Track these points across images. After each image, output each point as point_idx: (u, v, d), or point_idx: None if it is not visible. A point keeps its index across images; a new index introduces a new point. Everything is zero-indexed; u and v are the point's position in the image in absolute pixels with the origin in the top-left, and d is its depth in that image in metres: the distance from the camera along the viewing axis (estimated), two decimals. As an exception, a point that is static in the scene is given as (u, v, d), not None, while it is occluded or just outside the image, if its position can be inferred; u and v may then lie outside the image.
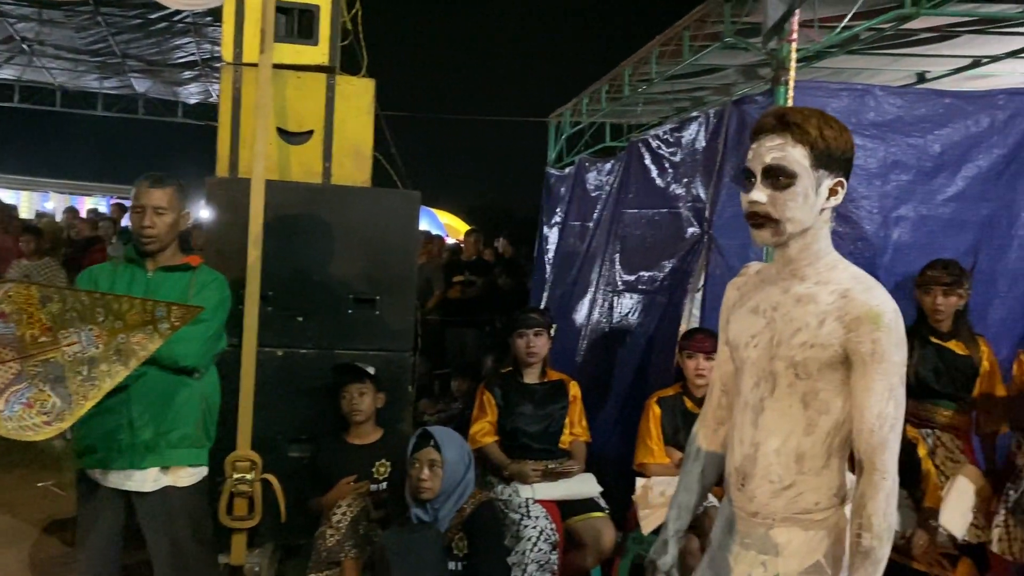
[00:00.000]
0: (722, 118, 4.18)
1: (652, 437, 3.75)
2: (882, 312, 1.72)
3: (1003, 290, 4.06)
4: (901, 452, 1.76)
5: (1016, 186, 4.05)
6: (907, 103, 4.01)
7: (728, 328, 2.00)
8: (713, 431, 2.09)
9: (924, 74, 6.25)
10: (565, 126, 8.06)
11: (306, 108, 3.90)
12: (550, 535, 3.45)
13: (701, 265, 4.19)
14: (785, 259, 1.86)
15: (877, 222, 3.95)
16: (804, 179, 1.76)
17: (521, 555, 3.40)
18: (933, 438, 3.51)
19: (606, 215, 5.67)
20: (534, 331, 3.90)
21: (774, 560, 1.85)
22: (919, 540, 3.22)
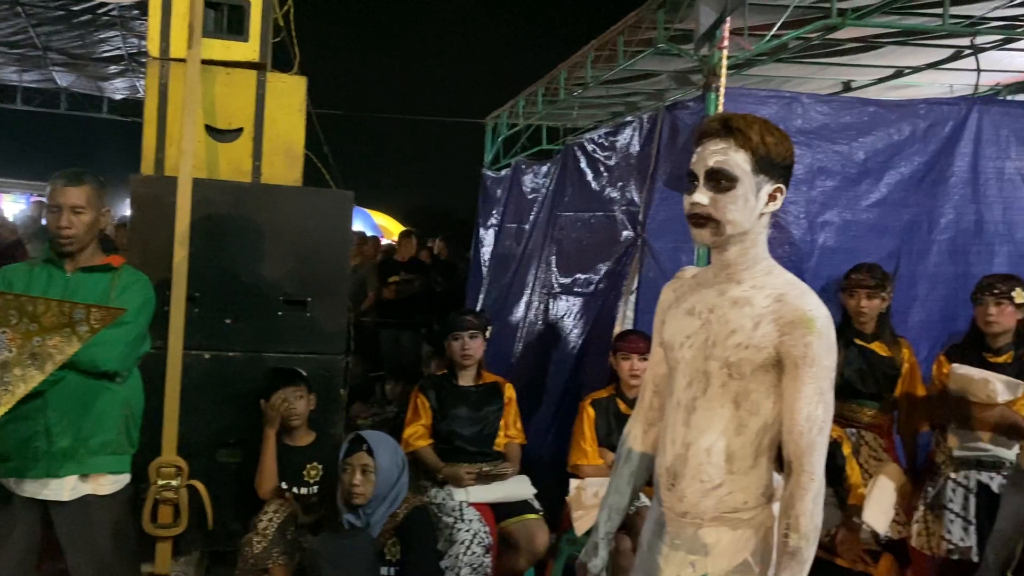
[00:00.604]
0: (655, 123, 4.23)
1: (586, 438, 3.77)
2: (815, 317, 1.76)
3: (923, 293, 4.20)
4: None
5: (935, 193, 4.20)
6: (833, 111, 4.12)
7: (663, 329, 2.02)
8: (644, 432, 2.11)
9: (849, 83, 6.44)
10: (502, 128, 8.07)
11: (235, 105, 3.82)
12: (483, 538, 3.44)
13: (635, 268, 4.24)
14: (722, 263, 1.89)
15: (804, 227, 4.05)
16: (745, 183, 1.80)
17: (454, 559, 3.39)
18: (857, 437, 3.61)
19: (542, 217, 5.69)
20: (469, 333, 3.88)
21: (703, 560, 1.87)
22: (843, 537, 3.31)
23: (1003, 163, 4.24)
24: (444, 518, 3.51)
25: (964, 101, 4.38)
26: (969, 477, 3.31)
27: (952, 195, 4.22)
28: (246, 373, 3.54)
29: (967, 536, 3.25)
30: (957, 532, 3.27)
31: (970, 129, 4.20)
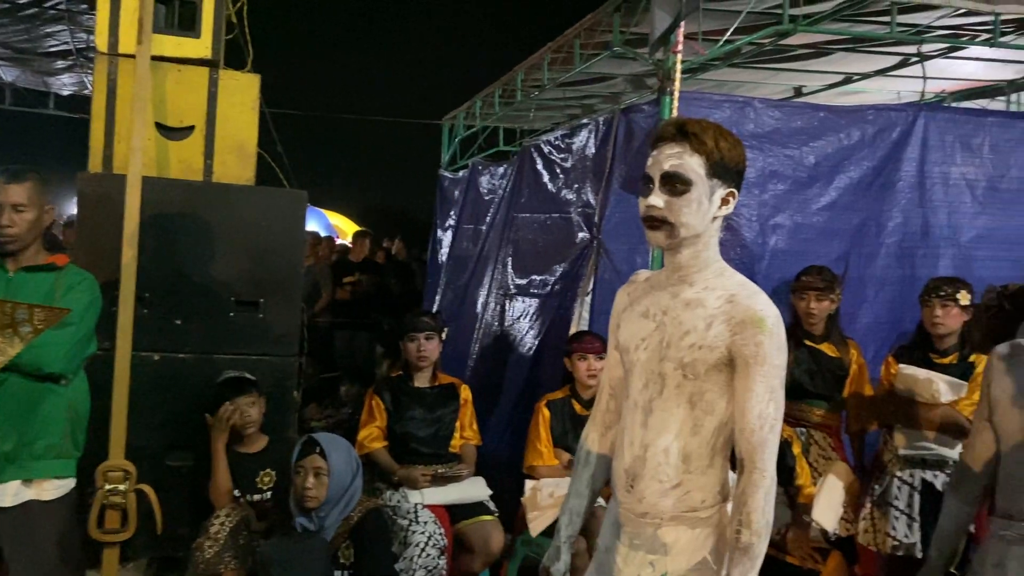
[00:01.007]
0: (611, 126, 4.26)
1: (541, 439, 3.78)
2: (765, 317, 1.80)
3: (871, 296, 4.30)
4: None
5: (883, 197, 4.29)
6: (784, 116, 4.19)
7: (618, 332, 2.03)
8: (602, 435, 2.12)
9: (801, 88, 6.55)
10: (459, 129, 8.05)
11: (187, 103, 3.76)
12: (438, 540, 3.43)
13: (590, 269, 4.26)
14: (675, 265, 1.91)
15: (756, 230, 4.12)
16: (699, 187, 1.83)
17: (409, 561, 3.37)
18: (806, 436, 3.67)
19: (499, 219, 5.70)
20: (425, 335, 3.86)
21: (662, 559, 1.89)
22: (793, 535, 3.36)
23: (948, 168, 4.36)
24: (399, 520, 3.49)
25: (911, 108, 4.49)
26: (914, 475, 3.39)
27: (899, 199, 4.32)
28: (197, 375, 3.48)
29: (911, 533, 3.33)
30: (902, 529, 3.35)
31: (917, 135, 4.30)
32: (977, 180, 4.40)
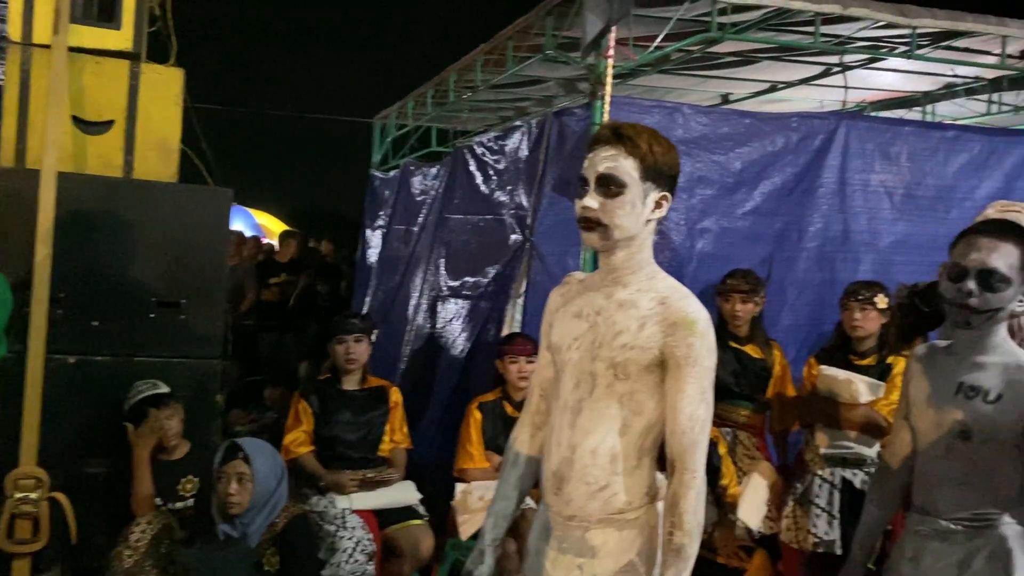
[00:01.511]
0: (543, 128, 4.28)
1: (472, 442, 3.76)
2: (697, 319, 1.82)
3: (792, 298, 4.41)
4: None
5: (805, 203, 4.41)
6: (712, 122, 4.27)
7: (551, 332, 2.04)
8: (531, 436, 2.11)
9: (728, 96, 6.69)
10: (390, 128, 7.97)
11: (106, 96, 3.63)
12: (367, 545, 3.38)
13: (523, 271, 4.27)
14: (610, 267, 1.93)
15: (684, 233, 4.18)
16: (633, 189, 1.85)
17: (336, 568, 3.31)
18: (732, 436, 3.74)
19: (431, 220, 5.66)
20: (354, 337, 3.80)
21: (591, 562, 1.89)
22: (720, 534, 3.42)
23: (868, 175, 4.50)
24: (326, 526, 3.43)
25: (833, 116, 4.62)
26: (834, 474, 3.48)
27: (821, 205, 4.45)
28: (115, 378, 3.37)
29: (831, 530, 3.42)
30: (822, 526, 3.44)
31: (838, 143, 4.43)
32: (895, 187, 4.56)
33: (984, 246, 2.06)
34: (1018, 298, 2.06)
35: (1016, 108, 6.12)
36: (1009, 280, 2.03)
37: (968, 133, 4.79)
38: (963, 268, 2.07)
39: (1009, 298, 2.04)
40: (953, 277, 2.09)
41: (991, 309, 2.04)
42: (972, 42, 4.90)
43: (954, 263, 2.10)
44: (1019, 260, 2.04)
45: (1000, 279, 2.02)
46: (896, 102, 6.60)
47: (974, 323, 2.08)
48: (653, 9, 4.46)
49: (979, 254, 2.05)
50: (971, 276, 2.05)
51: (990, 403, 2.07)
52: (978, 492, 2.10)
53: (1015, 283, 2.04)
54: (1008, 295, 2.04)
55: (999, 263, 2.03)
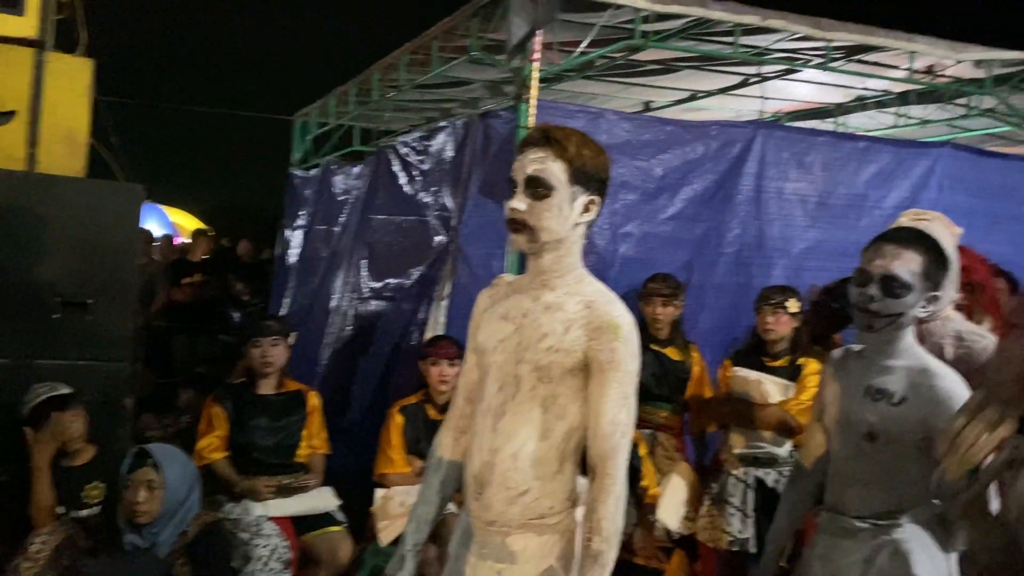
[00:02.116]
0: (469, 130, 4.26)
1: (393, 446, 3.71)
2: (621, 324, 1.84)
3: (710, 302, 4.50)
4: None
5: (724, 209, 4.51)
6: (635, 128, 4.32)
7: (477, 334, 2.02)
8: (455, 440, 2.09)
9: (649, 103, 6.80)
10: (311, 126, 7.81)
11: (8, 85, 3.47)
12: (282, 553, 3.30)
13: (447, 273, 4.23)
14: (537, 270, 1.93)
15: (607, 237, 4.22)
16: (561, 192, 1.85)
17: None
18: (652, 438, 3.79)
19: (353, 220, 5.57)
20: (271, 340, 3.70)
21: (510, 568, 1.88)
22: (639, 535, 3.46)
23: (783, 184, 4.63)
24: (240, 534, 3.33)
25: (751, 125, 4.74)
26: (748, 473, 3.56)
27: (738, 212, 4.55)
28: (15, 382, 3.21)
29: (745, 528, 3.49)
30: (736, 525, 3.51)
31: (755, 151, 4.55)
32: (808, 196, 4.70)
33: (888, 253, 2.13)
34: (920, 304, 2.13)
35: (923, 121, 6.40)
36: (910, 286, 2.10)
37: (878, 144, 4.98)
38: (868, 274, 2.14)
39: (911, 304, 2.12)
40: (859, 282, 2.16)
41: (892, 314, 2.11)
42: (882, 56, 5.10)
43: (860, 269, 2.18)
44: (921, 268, 2.11)
45: (901, 285, 2.09)
46: (810, 113, 6.82)
47: (876, 327, 2.14)
48: (578, 15, 4.49)
49: (883, 260, 2.13)
50: (874, 282, 2.12)
51: (895, 405, 2.14)
52: (883, 491, 2.17)
53: (917, 290, 2.11)
54: (909, 301, 2.11)
55: (901, 270, 2.10)
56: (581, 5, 4.29)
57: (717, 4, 4.42)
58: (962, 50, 4.90)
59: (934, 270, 2.13)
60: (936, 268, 2.14)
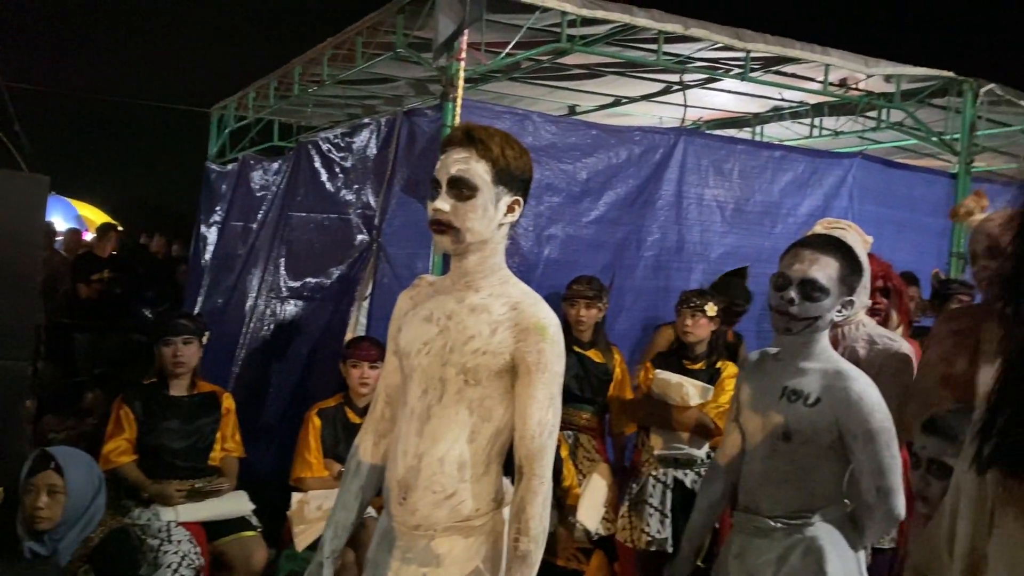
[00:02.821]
0: (393, 127, 4.21)
1: (311, 450, 3.63)
2: (548, 325, 1.83)
3: (629, 304, 4.57)
4: None
5: (645, 214, 4.58)
6: (561, 131, 4.35)
7: (399, 336, 1.98)
8: (375, 444, 2.05)
9: (575, 107, 6.86)
10: (229, 119, 7.61)
11: (-101, 65, 3.24)
12: (193, 560, 3.19)
13: (369, 273, 4.17)
14: (462, 271, 1.90)
15: (532, 239, 4.24)
16: (484, 193, 1.83)
17: None
18: (573, 439, 3.81)
19: (271, 217, 5.44)
20: (182, 339, 3.57)
21: (435, 571, 1.86)
22: (559, 536, 3.47)
23: (703, 190, 4.73)
24: (148, 540, 3.20)
25: (673, 132, 4.83)
26: (667, 474, 3.61)
27: (659, 216, 4.63)
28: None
29: (663, 528, 3.54)
30: (655, 525, 3.56)
31: (676, 158, 4.63)
32: (726, 202, 4.82)
33: (807, 258, 2.20)
34: (837, 308, 2.20)
35: (835, 132, 6.64)
36: (827, 291, 2.17)
37: (793, 154, 5.14)
38: (787, 278, 2.21)
39: (827, 307, 2.18)
40: (777, 286, 2.22)
41: (810, 317, 2.18)
42: (799, 68, 5.27)
43: (779, 273, 2.24)
44: (838, 272, 2.18)
45: (819, 289, 2.16)
46: (729, 122, 7.00)
47: (794, 330, 2.20)
48: (505, 16, 4.49)
49: (801, 265, 2.19)
50: (793, 286, 2.19)
51: (809, 407, 2.20)
52: (797, 491, 2.22)
53: (833, 294, 2.18)
54: (826, 305, 2.18)
55: (819, 275, 2.17)
56: (508, 6, 4.30)
57: (642, 11, 4.49)
58: (874, 65, 5.10)
59: (849, 275, 2.21)
60: (850, 273, 2.21)
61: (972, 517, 1.09)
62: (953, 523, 1.14)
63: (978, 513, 1.08)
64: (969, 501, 1.10)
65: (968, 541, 1.10)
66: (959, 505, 1.13)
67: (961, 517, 1.12)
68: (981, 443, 1.05)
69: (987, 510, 1.06)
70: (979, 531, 1.08)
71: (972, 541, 1.09)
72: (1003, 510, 1.03)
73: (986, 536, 1.06)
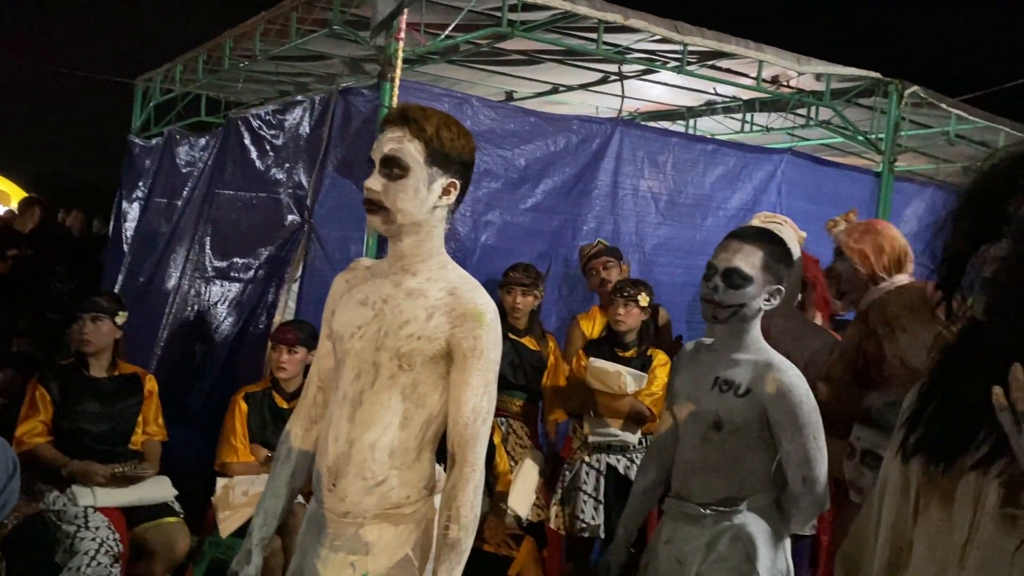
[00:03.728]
0: (328, 106, 4.11)
1: (236, 434, 3.55)
2: (485, 312, 1.81)
3: (564, 294, 4.59)
4: None
5: (581, 203, 4.60)
6: (499, 117, 4.33)
7: (333, 320, 1.94)
8: (307, 430, 2.00)
9: (512, 93, 6.83)
10: (155, 92, 7.33)
11: None
12: (112, 547, 3.08)
13: (300, 255, 4.08)
14: (398, 254, 1.87)
15: (469, 225, 4.21)
16: (417, 173, 1.80)
17: (75, 571, 2.98)
18: (506, 426, 3.81)
19: (198, 195, 5.27)
20: (91, 316, 3.44)
21: (364, 559, 1.83)
22: (490, 522, 3.47)
23: (638, 181, 4.78)
24: (64, 526, 3.08)
25: (610, 122, 4.85)
26: (600, 460, 3.64)
27: (594, 206, 4.66)
28: None
29: (597, 515, 3.58)
30: (588, 511, 3.59)
31: (613, 148, 4.66)
32: (660, 193, 4.87)
33: (732, 248, 2.25)
34: (764, 297, 2.24)
35: (766, 128, 6.77)
36: (750, 278, 2.21)
37: (725, 148, 5.22)
38: (713, 267, 2.26)
39: (752, 295, 2.22)
40: (705, 276, 2.27)
41: (734, 304, 2.21)
42: (734, 64, 5.35)
43: (708, 263, 2.28)
44: (762, 261, 2.22)
45: (742, 277, 2.20)
46: (663, 114, 7.07)
47: (720, 317, 2.24)
48: (445, -3, 4.44)
49: (727, 254, 2.24)
50: (718, 274, 2.23)
51: (740, 397, 2.24)
52: (726, 479, 2.27)
53: (757, 282, 2.22)
54: (750, 292, 2.22)
55: (742, 263, 2.21)
56: (449, -12, 4.24)
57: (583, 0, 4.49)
58: (806, 63, 5.21)
59: (775, 264, 2.25)
60: (777, 262, 2.25)
61: (896, 504, 1.12)
62: (880, 510, 1.17)
63: (903, 500, 1.11)
64: (894, 488, 1.13)
65: (892, 527, 1.12)
66: (886, 493, 1.16)
67: (886, 504, 1.14)
68: (908, 431, 1.08)
69: (911, 498, 1.09)
70: (903, 518, 1.10)
71: (896, 528, 1.11)
72: (927, 497, 1.06)
73: (911, 523, 1.08)
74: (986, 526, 0.96)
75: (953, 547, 1.00)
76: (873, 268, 2.73)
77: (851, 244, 2.76)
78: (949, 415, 1.03)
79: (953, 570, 0.99)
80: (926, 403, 1.07)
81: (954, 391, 1.03)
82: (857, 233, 2.78)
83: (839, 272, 2.81)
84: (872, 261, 2.73)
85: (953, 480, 1.01)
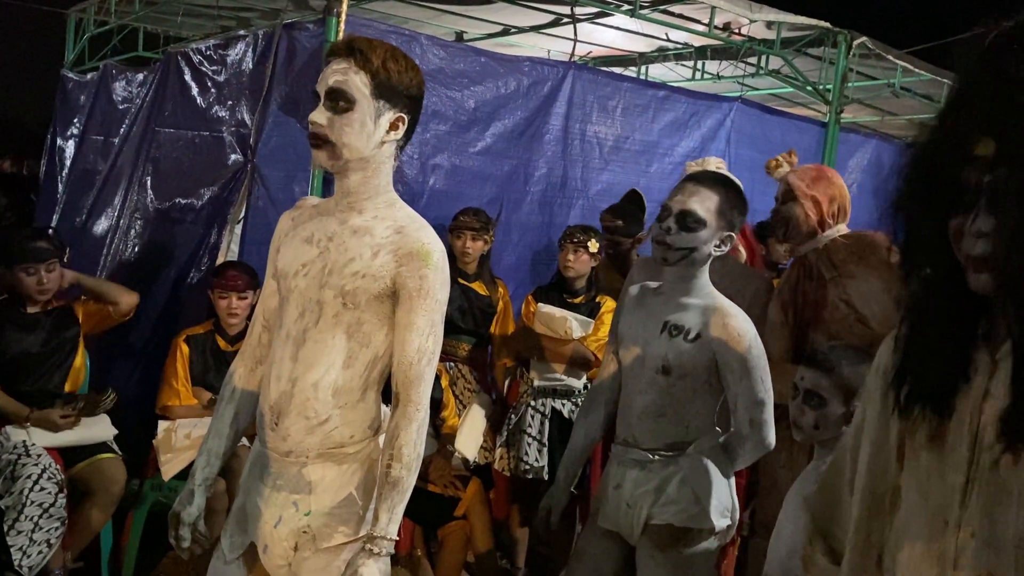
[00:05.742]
0: (271, 41, 3.96)
1: (178, 377, 3.48)
2: (432, 251, 1.79)
3: (515, 239, 4.56)
4: None
5: (532, 147, 4.55)
6: (449, 56, 4.22)
7: (278, 258, 1.90)
8: (251, 370, 1.98)
9: (462, 34, 6.68)
10: (88, 24, 7.00)
11: None
12: (55, 475, 3.01)
13: (243, 195, 3.97)
14: (344, 190, 1.83)
15: (416, 168, 4.13)
16: (363, 106, 1.75)
17: (20, 496, 2.91)
18: (455, 370, 3.81)
19: (136, 132, 5.07)
20: (46, 265, 3.30)
21: (306, 498, 1.82)
22: (436, 464, 3.49)
23: (586, 126, 4.74)
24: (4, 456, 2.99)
25: (562, 65, 4.78)
26: (545, 404, 3.67)
27: (546, 151, 4.61)
28: None
29: (541, 457, 3.62)
30: (533, 454, 3.63)
31: (564, 92, 4.60)
32: (606, 139, 4.84)
33: (688, 190, 2.25)
34: (715, 242, 2.25)
35: (716, 76, 6.76)
36: (704, 222, 2.22)
37: (676, 95, 5.20)
38: (668, 209, 2.26)
39: (704, 239, 2.23)
40: (659, 217, 2.27)
41: (685, 247, 2.22)
42: (686, 9, 5.30)
43: (663, 204, 2.28)
44: (717, 205, 2.23)
45: (696, 220, 2.21)
46: (615, 59, 7.01)
47: (671, 260, 2.25)
48: (395, -70, 4.29)
49: (682, 196, 2.25)
50: (672, 216, 2.23)
51: (689, 342, 2.26)
52: (673, 424, 2.30)
53: (711, 226, 2.23)
54: (703, 236, 2.23)
55: (696, 206, 2.22)
56: (399, -79, 4.10)
57: (537, -63, 4.39)
58: (757, 11, 5.20)
59: (728, 209, 2.26)
60: (731, 208, 2.26)
61: (874, 451, 1.11)
62: (855, 462, 1.16)
63: (879, 450, 1.10)
64: (874, 436, 1.11)
65: (870, 474, 1.11)
66: (862, 442, 1.15)
67: (864, 452, 1.13)
68: (898, 385, 1.05)
69: (893, 444, 1.08)
70: (883, 465, 1.09)
71: (875, 475, 1.10)
72: (911, 442, 1.04)
73: (895, 470, 1.07)
74: (987, 463, 0.95)
75: (948, 489, 0.99)
76: (823, 215, 2.75)
77: (804, 189, 2.75)
78: (935, 363, 1.01)
79: (954, 511, 0.98)
80: (907, 355, 1.04)
81: (938, 340, 1.01)
82: (809, 179, 2.76)
83: (788, 216, 2.79)
84: (824, 208, 2.74)
85: (943, 422, 1.00)
